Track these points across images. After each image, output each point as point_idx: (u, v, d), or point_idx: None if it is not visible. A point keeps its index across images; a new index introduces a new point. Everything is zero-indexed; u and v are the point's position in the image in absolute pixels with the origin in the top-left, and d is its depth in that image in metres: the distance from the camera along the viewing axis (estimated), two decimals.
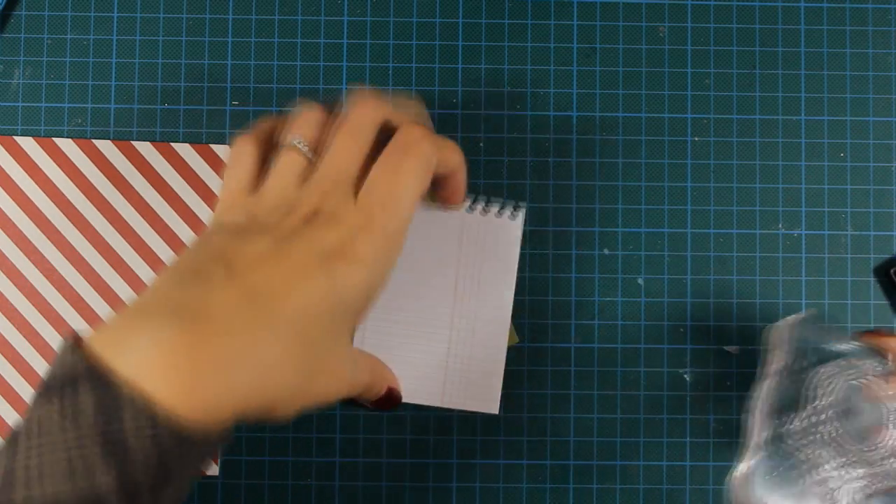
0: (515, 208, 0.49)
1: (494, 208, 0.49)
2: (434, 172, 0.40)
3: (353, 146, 0.39)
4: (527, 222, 0.51)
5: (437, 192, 0.45)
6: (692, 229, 0.51)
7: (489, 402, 0.49)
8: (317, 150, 0.40)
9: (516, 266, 0.49)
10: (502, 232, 0.49)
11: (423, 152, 0.39)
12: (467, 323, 0.49)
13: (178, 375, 0.31)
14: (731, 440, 0.50)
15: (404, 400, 0.49)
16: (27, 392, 0.50)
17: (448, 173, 0.42)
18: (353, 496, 0.50)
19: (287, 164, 0.39)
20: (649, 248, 0.51)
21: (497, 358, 0.49)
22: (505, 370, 0.50)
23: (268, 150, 0.41)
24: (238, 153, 0.40)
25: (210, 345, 0.32)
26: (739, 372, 0.50)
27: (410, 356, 0.49)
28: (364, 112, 0.40)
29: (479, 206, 0.49)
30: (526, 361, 0.50)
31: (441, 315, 0.49)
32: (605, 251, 0.51)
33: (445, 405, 0.49)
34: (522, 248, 0.50)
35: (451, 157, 0.41)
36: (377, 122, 0.40)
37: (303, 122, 0.40)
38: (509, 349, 0.50)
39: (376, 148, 0.40)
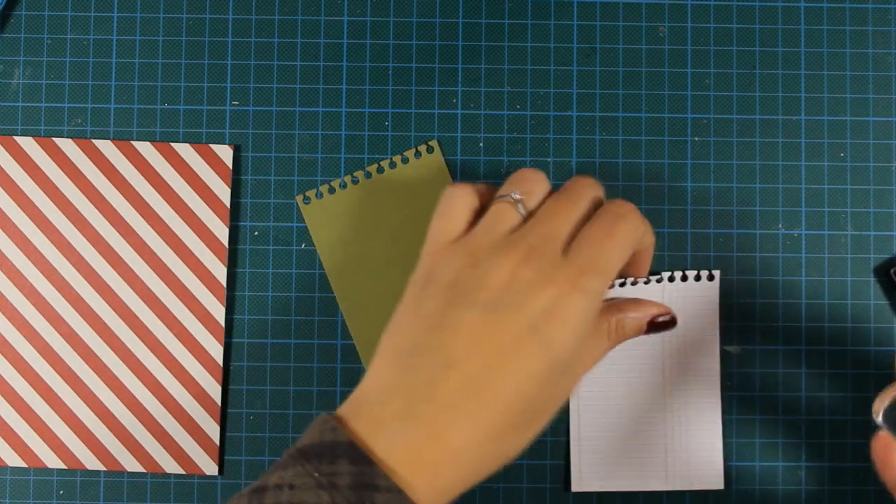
0: (711, 273, 0.49)
1: (691, 274, 0.49)
2: (639, 244, 0.41)
3: (569, 210, 0.39)
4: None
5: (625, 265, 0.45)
6: (692, 229, 0.51)
7: (713, 477, 0.49)
8: (531, 211, 0.40)
9: (718, 332, 0.49)
10: (701, 297, 0.49)
11: (633, 220, 0.40)
12: (679, 399, 0.49)
13: (423, 469, 0.35)
14: (730, 440, 0.50)
15: (627, 489, 0.49)
16: (27, 392, 0.50)
17: (641, 249, 0.43)
18: None
19: (499, 214, 0.40)
20: None
21: (714, 431, 0.49)
22: None
23: (482, 205, 0.42)
24: (453, 198, 0.41)
25: (443, 440, 0.35)
26: (739, 372, 0.50)
27: (628, 444, 0.49)
28: (583, 185, 0.41)
29: (678, 276, 0.49)
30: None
31: (652, 395, 0.49)
32: None
33: (669, 488, 0.49)
34: None
35: (647, 235, 0.42)
36: (593, 198, 0.40)
37: (522, 181, 0.41)
38: None
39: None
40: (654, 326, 0.43)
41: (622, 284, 0.49)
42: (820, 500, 0.50)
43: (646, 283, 0.49)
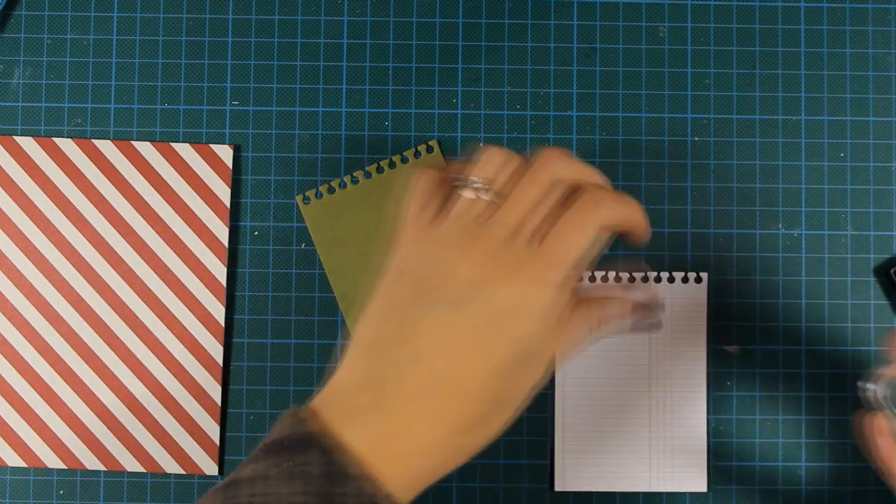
0: (699, 275, 0.49)
1: (678, 276, 0.49)
2: (620, 228, 0.40)
3: (538, 193, 0.39)
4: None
5: (620, 236, 0.45)
6: (692, 229, 0.51)
7: (697, 480, 0.49)
8: (500, 193, 0.39)
9: (705, 333, 0.49)
10: (689, 299, 0.49)
11: (611, 212, 0.39)
12: (664, 400, 0.49)
13: (392, 460, 0.36)
14: (730, 440, 0.50)
15: (609, 489, 0.49)
16: (27, 392, 0.50)
17: (631, 230, 0.42)
18: None
19: (466, 205, 0.39)
20: (649, 248, 0.51)
21: (699, 432, 0.49)
22: None
23: (453, 185, 0.41)
24: (419, 188, 0.41)
25: (410, 433, 0.36)
26: (739, 372, 0.50)
27: (612, 444, 0.49)
28: (554, 164, 0.40)
29: (665, 277, 0.49)
30: None
31: (638, 395, 0.49)
32: (605, 251, 0.51)
33: (653, 489, 0.49)
34: None
35: (634, 217, 0.41)
36: (565, 178, 0.40)
37: (486, 164, 0.40)
38: None
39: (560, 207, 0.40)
40: (639, 326, 0.43)
41: (618, 279, 0.49)
42: (820, 500, 0.50)
43: (631, 282, 0.49)
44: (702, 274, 0.50)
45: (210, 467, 0.50)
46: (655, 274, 0.50)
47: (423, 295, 0.38)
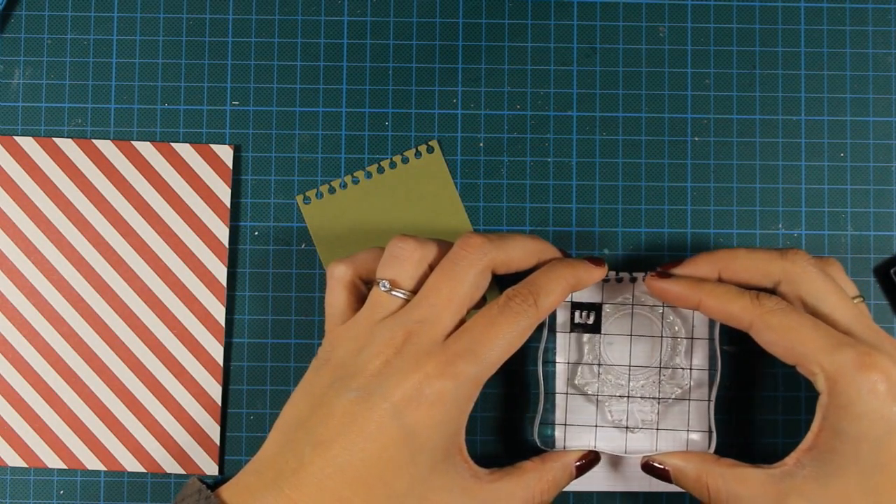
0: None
1: None
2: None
3: (450, 289, 0.40)
4: (527, 222, 0.51)
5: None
6: (692, 229, 0.51)
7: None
8: (411, 289, 0.41)
9: (708, 331, 0.48)
10: None
11: (525, 310, 0.40)
12: (667, 399, 0.49)
13: None
14: (730, 440, 0.50)
15: (609, 489, 0.49)
16: (27, 392, 0.50)
17: (582, 285, 0.44)
18: None
19: (376, 301, 0.41)
20: (649, 248, 0.51)
21: (703, 433, 0.48)
22: (505, 370, 0.50)
23: (363, 280, 0.43)
24: (331, 282, 0.43)
25: None
26: (739, 372, 0.50)
27: (615, 444, 0.48)
28: (466, 254, 0.41)
29: None
30: (528, 361, 0.50)
31: (641, 395, 0.49)
32: (605, 251, 0.51)
33: (653, 489, 0.48)
34: None
35: (586, 277, 0.43)
36: (480, 267, 0.41)
37: (397, 259, 0.41)
38: None
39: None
40: (583, 467, 0.46)
41: (619, 280, 0.49)
42: None
43: (632, 281, 0.49)
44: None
45: (210, 467, 0.50)
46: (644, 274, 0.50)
47: (338, 382, 0.39)
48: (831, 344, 0.40)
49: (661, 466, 0.45)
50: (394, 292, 0.41)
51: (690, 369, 0.48)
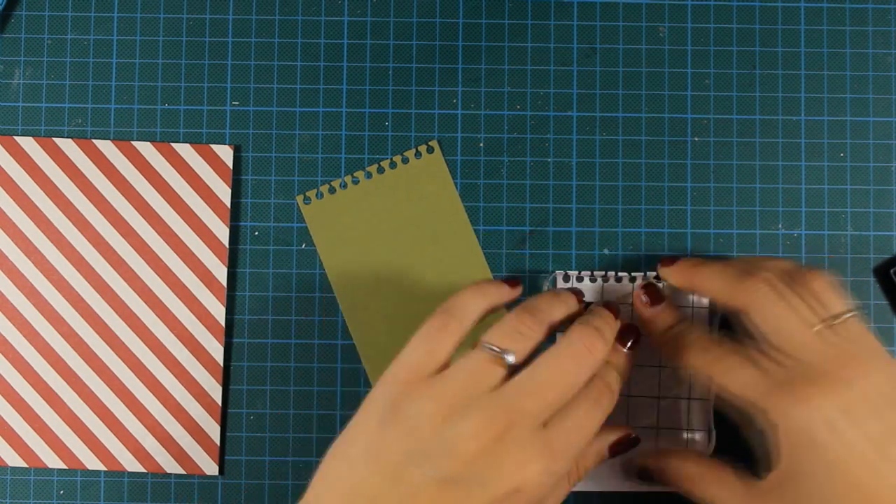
0: None
1: None
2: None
3: (560, 386, 0.37)
4: (527, 222, 0.51)
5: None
6: (692, 229, 0.51)
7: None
8: (519, 365, 0.38)
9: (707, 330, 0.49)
10: (688, 298, 0.49)
11: (612, 399, 0.39)
12: (668, 400, 0.49)
13: None
14: (730, 440, 0.50)
15: (610, 489, 0.48)
16: (27, 392, 0.50)
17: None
18: None
19: (482, 368, 0.37)
20: (649, 248, 0.51)
21: (703, 433, 0.49)
22: None
23: (464, 334, 0.39)
24: (428, 329, 0.39)
25: None
26: None
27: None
28: (587, 359, 0.38)
29: None
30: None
31: (641, 395, 0.49)
32: (606, 251, 0.51)
33: (653, 489, 0.48)
34: (522, 248, 0.51)
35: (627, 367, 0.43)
36: (599, 361, 0.39)
37: (514, 334, 0.38)
38: None
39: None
40: (618, 450, 0.44)
41: (619, 280, 0.49)
42: None
43: (632, 281, 0.49)
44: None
45: (210, 467, 0.50)
46: (655, 273, 0.50)
47: (420, 458, 0.36)
48: (764, 389, 0.39)
49: (652, 467, 0.45)
50: (505, 360, 0.37)
51: None
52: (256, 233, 0.51)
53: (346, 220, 0.51)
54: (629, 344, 0.43)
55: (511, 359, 0.38)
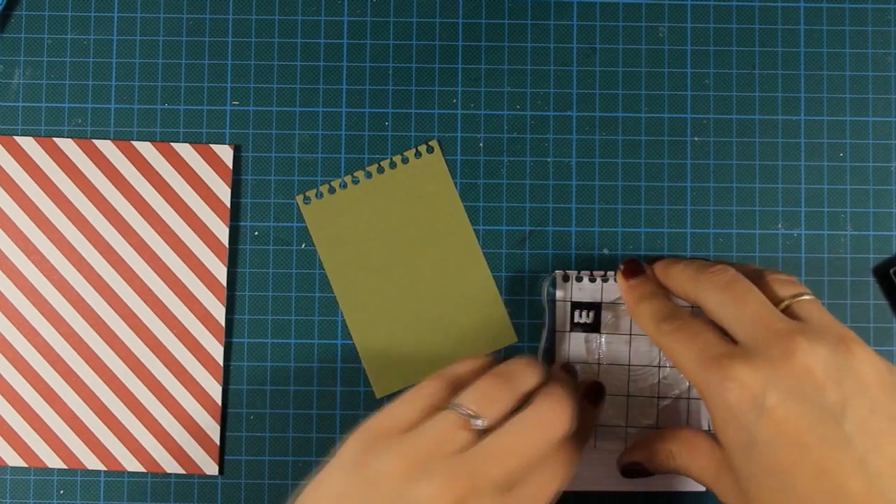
0: None
1: None
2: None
3: (530, 447, 0.37)
4: (527, 222, 0.51)
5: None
6: (692, 229, 0.51)
7: (692, 482, 0.49)
8: (489, 429, 0.38)
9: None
10: None
11: (566, 481, 0.39)
12: (668, 400, 0.49)
13: None
14: None
15: (609, 489, 0.49)
16: (27, 392, 0.50)
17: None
18: None
19: (449, 429, 0.37)
20: (649, 248, 0.51)
21: (699, 434, 0.49)
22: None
23: (450, 394, 0.40)
24: (420, 389, 0.39)
25: None
26: None
27: (613, 444, 0.49)
28: (557, 428, 0.39)
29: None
30: None
31: (641, 395, 0.49)
32: (605, 251, 0.51)
33: (653, 489, 0.49)
34: (522, 248, 0.51)
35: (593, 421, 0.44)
36: (565, 430, 0.39)
37: (484, 398, 0.39)
38: (507, 349, 0.50)
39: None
40: (593, 399, 0.46)
41: (604, 279, 0.49)
42: None
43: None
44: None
45: (210, 467, 0.50)
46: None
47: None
48: (699, 364, 0.39)
49: (641, 458, 0.45)
50: (473, 424, 0.38)
51: None
52: (256, 233, 0.51)
53: (346, 220, 0.51)
54: (595, 400, 0.46)
55: (481, 423, 0.38)
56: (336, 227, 0.51)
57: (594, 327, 0.49)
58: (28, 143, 0.50)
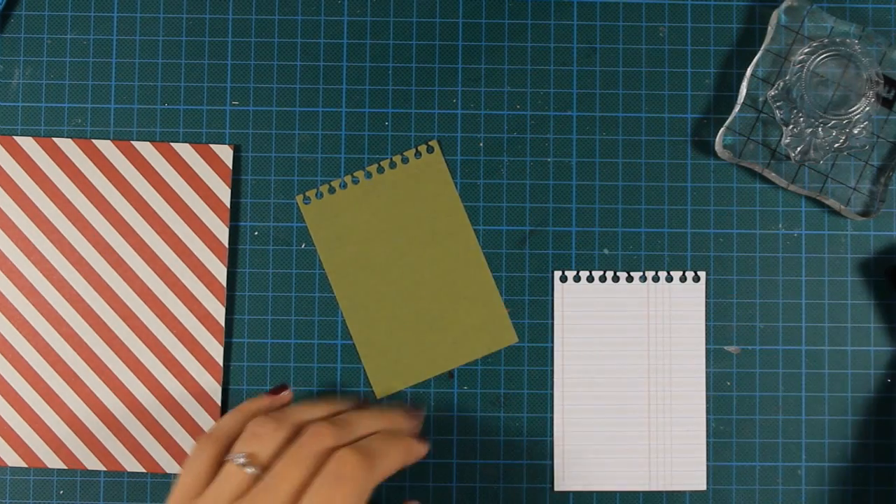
0: (696, 274, 0.50)
1: (676, 275, 0.49)
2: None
3: (295, 475, 0.41)
4: (527, 222, 0.51)
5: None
6: (692, 229, 0.51)
7: (696, 479, 0.49)
8: (264, 466, 0.42)
9: (704, 333, 0.49)
10: (687, 298, 0.49)
11: (356, 484, 0.42)
12: (663, 399, 0.49)
13: None
14: (730, 440, 0.50)
15: (609, 489, 0.49)
16: (27, 392, 0.50)
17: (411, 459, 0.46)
18: None
19: (227, 478, 0.42)
20: (649, 248, 0.51)
21: (698, 432, 0.49)
22: (504, 370, 0.50)
23: (224, 451, 0.44)
24: (193, 456, 0.44)
25: None
26: (739, 372, 0.50)
27: (612, 444, 0.49)
28: (315, 441, 0.42)
29: (663, 276, 0.49)
30: (526, 362, 0.50)
31: (637, 393, 0.49)
32: (605, 251, 0.51)
33: (653, 489, 0.49)
34: (522, 248, 0.51)
35: (406, 460, 0.45)
36: (326, 451, 0.42)
37: (252, 438, 0.43)
38: (507, 349, 0.50)
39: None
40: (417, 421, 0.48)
41: (602, 280, 0.49)
42: (820, 499, 0.50)
43: (629, 281, 0.49)
44: (699, 273, 0.50)
45: None
46: (654, 274, 0.50)
47: None
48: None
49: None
50: (248, 469, 0.42)
51: (876, 135, 0.49)
52: (256, 233, 0.51)
53: (345, 219, 0.51)
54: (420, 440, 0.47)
55: (252, 470, 0.42)
56: (336, 226, 0.51)
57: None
58: (28, 143, 0.50)
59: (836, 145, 0.48)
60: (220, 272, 0.50)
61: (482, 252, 0.51)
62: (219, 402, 0.50)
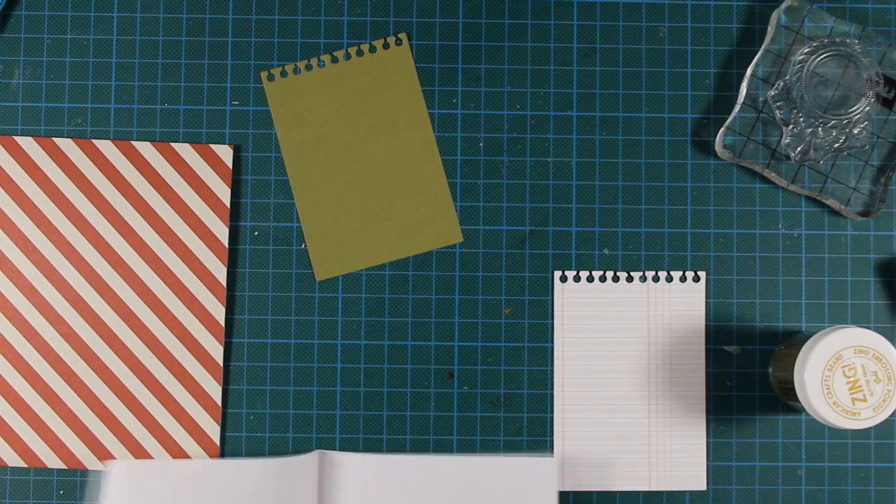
0: (696, 274, 0.50)
1: (676, 275, 0.49)
2: None
3: None
4: (527, 222, 0.51)
5: None
6: (692, 229, 0.51)
7: (696, 479, 0.49)
8: None
9: (704, 333, 0.49)
10: (687, 298, 0.49)
11: None
12: (663, 400, 0.49)
13: None
14: (729, 440, 0.50)
15: (609, 489, 0.49)
16: (27, 392, 0.50)
17: None
18: None
19: None
20: (649, 248, 0.51)
21: (698, 432, 0.49)
22: (504, 370, 0.50)
23: None
24: None
25: None
26: (739, 372, 0.50)
27: (612, 444, 0.49)
28: None
29: (662, 277, 0.49)
30: (526, 362, 0.50)
31: (637, 393, 0.49)
32: (605, 251, 0.51)
33: (653, 489, 0.49)
34: (521, 248, 0.51)
35: None
36: None
37: None
38: (507, 349, 0.50)
39: None
40: None
41: (602, 280, 0.49)
42: (820, 499, 0.50)
43: (629, 281, 0.49)
44: (699, 273, 0.50)
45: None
46: (654, 274, 0.50)
47: None
48: None
49: None
50: None
51: (876, 135, 0.49)
52: (256, 233, 0.51)
53: (307, 101, 0.51)
54: None
55: None
56: (297, 107, 0.51)
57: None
58: (28, 143, 0.50)
59: (836, 145, 0.48)
60: (220, 272, 0.50)
61: (438, 149, 0.51)
62: (219, 402, 0.50)
